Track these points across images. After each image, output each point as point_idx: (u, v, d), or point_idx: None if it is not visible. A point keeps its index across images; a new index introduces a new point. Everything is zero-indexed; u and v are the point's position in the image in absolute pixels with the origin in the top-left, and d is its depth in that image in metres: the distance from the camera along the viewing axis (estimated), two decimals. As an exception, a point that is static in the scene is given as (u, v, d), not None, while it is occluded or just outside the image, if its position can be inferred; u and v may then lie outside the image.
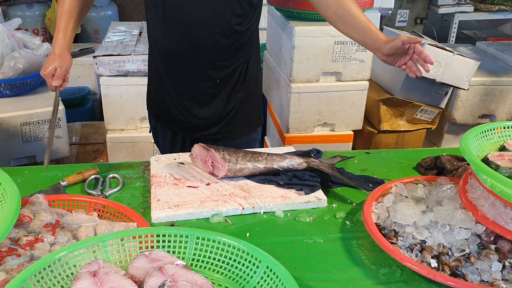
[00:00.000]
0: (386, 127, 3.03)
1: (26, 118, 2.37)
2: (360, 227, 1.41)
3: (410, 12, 5.97)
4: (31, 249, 1.18)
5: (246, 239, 1.35)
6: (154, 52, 1.83)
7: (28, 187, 1.56)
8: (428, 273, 1.17)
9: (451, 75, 2.83)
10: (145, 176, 1.65)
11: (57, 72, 1.67)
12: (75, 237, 1.25)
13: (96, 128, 3.23)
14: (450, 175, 1.67)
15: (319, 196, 1.53)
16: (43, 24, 4.97)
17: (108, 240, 1.12)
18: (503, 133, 1.51)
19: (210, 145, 1.61)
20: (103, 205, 1.39)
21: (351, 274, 1.24)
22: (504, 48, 3.47)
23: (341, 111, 2.84)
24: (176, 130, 1.94)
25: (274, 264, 1.06)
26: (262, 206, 1.48)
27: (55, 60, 1.67)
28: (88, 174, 1.62)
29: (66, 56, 1.70)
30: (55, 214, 1.32)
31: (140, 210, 1.47)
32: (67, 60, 1.70)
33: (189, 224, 1.41)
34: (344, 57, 2.70)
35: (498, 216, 1.25)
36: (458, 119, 3.10)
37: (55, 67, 1.67)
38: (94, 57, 2.70)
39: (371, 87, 2.93)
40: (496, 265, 1.19)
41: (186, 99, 1.83)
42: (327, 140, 2.87)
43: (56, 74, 1.67)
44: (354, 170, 1.72)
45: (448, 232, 1.28)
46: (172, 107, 1.86)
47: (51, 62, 1.67)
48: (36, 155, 2.44)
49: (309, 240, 1.36)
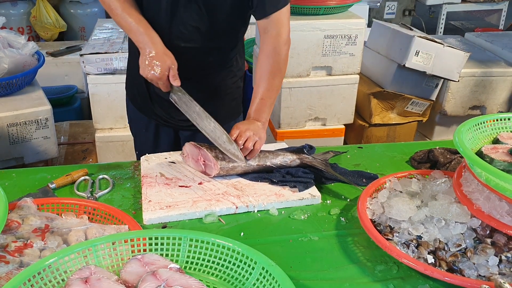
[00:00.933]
0: (377, 121, 3.02)
1: (12, 119, 2.33)
2: (355, 223, 1.40)
3: (398, 4, 5.97)
4: (20, 255, 1.15)
5: (240, 239, 1.33)
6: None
7: (16, 191, 1.53)
8: (425, 269, 1.15)
9: (441, 67, 2.83)
10: (136, 177, 1.63)
11: (172, 72, 1.53)
12: (66, 242, 1.22)
13: (85, 127, 3.18)
14: (444, 168, 1.66)
15: (313, 193, 1.51)
16: (28, 22, 4.89)
17: (99, 244, 1.09)
18: (496, 126, 1.50)
19: (202, 144, 1.58)
20: (93, 208, 1.36)
21: (348, 272, 1.22)
22: (493, 39, 3.47)
23: (332, 105, 2.83)
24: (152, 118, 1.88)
25: (269, 265, 1.04)
26: (256, 204, 1.46)
27: (159, 59, 1.52)
28: (77, 176, 1.59)
29: (170, 53, 1.56)
30: (44, 218, 1.29)
31: (131, 211, 1.44)
32: (172, 56, 1.55)
33: (182, 225, 1.39)
34: (334, 51, 2.68)
35: (493, 209, 1.24)
36: (449, 111, 3.10)
37: (167, 67, 1.52)
38: (81, 55, 2.66)
39: (362, 80, 2.92)
40: (493, 260, 1.18)
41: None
42: (319, 135, 2.86)
43: (173, 74, 1.53)
44: (347, 165, 1.71)
45: (444, 227, 1.28)
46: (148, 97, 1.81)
47: (159, 62, 1.51)
48: (24, 156, 2.40)
49: (304, 238, 1.34)
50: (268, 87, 1.65)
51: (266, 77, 1.65)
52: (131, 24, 1.57)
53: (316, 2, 2.65)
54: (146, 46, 1.54)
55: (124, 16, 1.57)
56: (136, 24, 1.56)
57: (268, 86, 1.65)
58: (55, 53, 3.77)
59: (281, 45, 1.66)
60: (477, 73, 3.02)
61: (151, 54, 1.53)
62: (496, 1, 5.95)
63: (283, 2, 1.62)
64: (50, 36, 4.86)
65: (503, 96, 3.11)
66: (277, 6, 1.61)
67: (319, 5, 2.65)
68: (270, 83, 1.66)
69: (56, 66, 3.73)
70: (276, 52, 1.65)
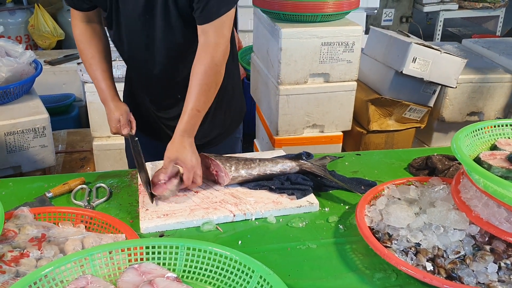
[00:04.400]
0: (375, 127, 3.02)
1: (10, 128, 2.32)
2: (354, 231, 1.39)
3: (396, 11, 5.99)
4: (17, 265, 1.14)
5: (238, 247, 1.33)
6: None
7: (12, 200, 1.52)
8: (424, 277, 1.15)
9: (439, 73, 2.83)
10: (133, 185, 1.62)
11: (121, 121, 1.66)
12: (62, 251, 1.21)
13: (82, 135, 3.18)
14: (442, 175, 1.66)
15: (311, 200, 1.51)
16: (26, 31, 4.90)
17: (96, 253, 1.08)
18: (493, 132, 1.50)
19: (214, 155, 1.60)
20: (90, 217, 1.35)
21: (346, 280, 1.22)
22: (490, 45, 3.48)
23: (330, 112, 2.82)
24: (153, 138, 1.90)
25: (267, 274, 1.03)
26: (254, 212, 1.45)
27: (113, 113, 1.66)
28: (75, 185, 1.58)
29: (121, 104, 1.69)
30: (41, 228, 1.28)
31: (128, 220, 1.43)
32: (123, 107, 1.68)
33: (179, 233, 1.39)
34: (331, 58, 2.68)
35: (492, 216, 1.24)
36: (447, 117, 3.10)
37: (117, 119, 1.66)
38: (78, 63, 2.66)
39: (359, 87, 2.92)
40: (492, 267, 1.17)
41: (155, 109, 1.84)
42: (317, 142, 2.85)
43: (122, 123, 1.66)
44: (345, 172, 1.71)
45: (442, 234, 1.27)
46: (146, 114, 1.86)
47: (112, 117, 1.67)
48: (21, 165, 2.39)
49: (302, 246, 1.34)
50: (204, 98, 1.55)
51: (204, 87, 1.54)
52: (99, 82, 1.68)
53: (313, 9, 2.66)
54: (105, 103, 1.69)
55: (91, 69, 1.69)
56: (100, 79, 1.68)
57: (204, 98, 1.55)
58: (53, 62, 3.78)
59: (219, 56, 1.55)
60: (474, 79, 3.02)
61: (108, 110, 1.68)
62: (493, 8, 5.98)
63: (224, 9, 1.52)
64: (48, 45, 4.87)
65: (501, 102, 3.11)
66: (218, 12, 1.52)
67: (316, 12, 2.66)
68: (207, 94, 1.55)
69: (54, 75, 3.73)
70: (214, 63, 1.54)
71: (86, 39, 1.68)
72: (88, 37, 1.68)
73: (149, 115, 1.87)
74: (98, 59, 1.68)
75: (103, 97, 1.69)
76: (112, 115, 1.67)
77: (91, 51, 1.68)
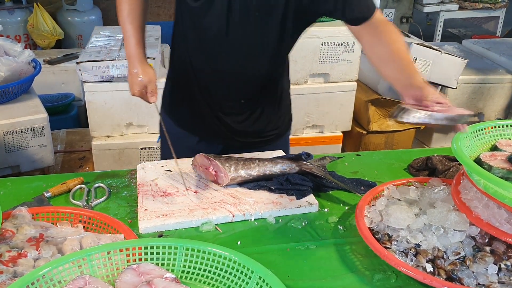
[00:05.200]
0: (375, 128, 3.02)
1: (8, 127, 2.32)
2: (353, 231, 1.38)
3: (396, 11, 5.98)
4: (14, 265, 1.13)
5: (237, 247, 1.32)
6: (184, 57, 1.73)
7: (11, 200, 1.51)
8: (424, 278, 1.14)
9: (439, 74, 2.83)
10: (132, 185, 1.61)
11: (149, 88, 1.58)
12: (60, 251, 1.20)
13: (82, 135, 3.17)
14: (442, 175, 1.65)
15: (310, 201, 1.50)
16: (25, 30, 4.89)
17: (94, 253, 1.08)
18: (494, 133, 1.50)
19: (213, 155, 1.59)
20: (88, 217, 1.34)
21: (345, 281, 1.21)
22: (490, 45, 3.48)
23: (330, 112, 2.82)
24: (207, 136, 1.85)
25: (266, 275, 1.02)
26: (253, 212, 1.44)
27: (140, 76, 1.58)
28: (73, 184, 1.57)
29: (149, 69, 1.61)
30: (39, 228, 1.27)
31: (127, 220, 1.43)
32: (151, 72, 1.60)
33: (178, 233, 1.38)
34: (331, 58, 2.68)
35: (492, 217, 1.23)
36: (447, 118, 3.09)
37: (144, 84, 1.58)
38: (77, 63, 2.65)
39: (359, 87, 2.92)
40: (492, 268, 1.17)
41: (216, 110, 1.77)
42: (317, 142, 2.85)
43: (150, 91, 1.59)
44: (345, 173, 1.70)
45: (442, 235, 1.26)
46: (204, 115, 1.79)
47: (137, 79, 1.58)
48: (20, 164, 2.38)
49: (301, 247, 1.33)
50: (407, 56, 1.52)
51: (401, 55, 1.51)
52: (127, 32, 1.61)
53: (313, 10, 2.65)
54: (130, 61, 1.61)
55: (126, 21, 1.61)
56: (131, 34, 1.60)
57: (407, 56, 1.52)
58: (52, 61, 3.77)
59: (394, 29, 1.54)
60: (474, 80, 3.02)
61: (134, 71, 1.59)
62: (494, 8, 5.97)
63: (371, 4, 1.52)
64: (47, 44, 4.86)
65: (501, 103, 3.11)
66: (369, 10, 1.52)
67: (316, 12, 2.65)
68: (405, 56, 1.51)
69: (53, 74, 3.72)
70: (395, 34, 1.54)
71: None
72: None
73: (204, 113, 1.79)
74: (134, 16, 1.62)
75: (130, 54, 1.61)
76: (136, 78, 1.58)
77: (130, 6, 1.62)
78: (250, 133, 1.82)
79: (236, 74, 1.66)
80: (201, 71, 1.69)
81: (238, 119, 1.78)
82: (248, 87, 1.72)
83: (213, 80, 1.70)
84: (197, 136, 1.85)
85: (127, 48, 1.62)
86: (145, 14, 1.67)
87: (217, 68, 1.65)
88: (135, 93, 1.61)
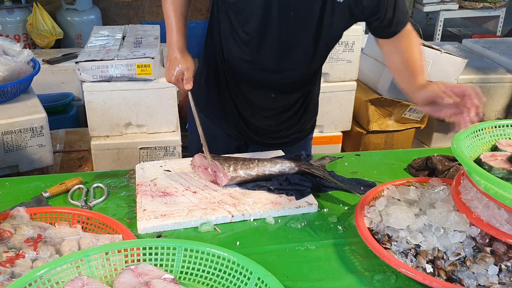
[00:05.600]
0: (375, 128, 3.01)
1: (7, 127, 2.30)
2: (353, 232, 1.38)
3: (396, 10, 5.96)
4: (12, 266, 1.13)
5: (236, 248, 1.31)
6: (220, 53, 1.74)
7: (9, 200, 1.51)
8: (423, 279, 1.14)
9: (439, 73, 2.82)
10: (131, 185, 1.61)
11: (186, 75, 1.58)
12: (58, 252, 1.20)
13: (81, 135, 3.16)
14: (442, 175, 1.64)
15: (309, 201, 1.50)
16: (25, 30, 4.88)
17: (92, 254, 1.07)
18: (494, 133, 1.49)
19: (212, 155, 1.59)
20: (87, 217, 1.34)
21: (345, 282, 1.21)
22: (490, 45, 3.47)
23: (330, 112, 2.82)
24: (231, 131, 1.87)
25: (265, 275, 1.02)
26: (252, 213, 1.44)
27: (178, 63, 1.58)
28: (72, 184, 1.57)
29: (189, 57, 1.62)
30: (37, 228, 1.27)
31: (125, 221, 1.42)
32: (190, 61, 1.61)
33: (177, 234, 1.37)
34: (331, 58, 2.68)
35: (493, 217, 1.22)
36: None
37: (181, 71, 1.58)
38: (76, 62, 2.64)
39: (359, 87, 2.91)
40: (493, 269, 1.16)
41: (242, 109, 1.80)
42: (316, 142, 2.84)
43: (186, 78, 1.58)
44: (344, 173, 1.69)
45: (442, 235, 1.26)
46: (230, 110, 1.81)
47: (175, 66, 1.58)
48: (19, 164, 2.37)
49: (301, 247, 1.33)
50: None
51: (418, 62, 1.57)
52: (169, 19, 1.63)
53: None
54: (170, 48, 1.61)
55: (169, 9, 1.63)
56: (173, 21, 1.62)
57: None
58: (51, 61, 3.76)
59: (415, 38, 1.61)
60: (474, 79, 3.02)
61: (173, 57, 1.60)
62: (494, 8, 5.96)
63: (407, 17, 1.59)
64: (46, 44, 4.85)
65: (501, 102, 3.10)
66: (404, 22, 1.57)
67: (316, 12, 2.64)
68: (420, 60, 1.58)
69: (53, 74, 3.71)
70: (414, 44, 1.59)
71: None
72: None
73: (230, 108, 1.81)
74: (177, 4, 1.64)
75: (171, 42, 1.62)
76: (174, 64, 1.59)
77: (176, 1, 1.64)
78: (271, 132, 1.85)
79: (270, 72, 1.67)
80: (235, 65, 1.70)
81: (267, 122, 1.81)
82: (280, 89, 1.73)
83: (246, 76, 1.71)
84: (219, 127, 1.86)
85: (168, 35, 1.63)
86: (188, 5, 1.68)
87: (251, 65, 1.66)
88: (171, 80, 1.60)
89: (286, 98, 1.78)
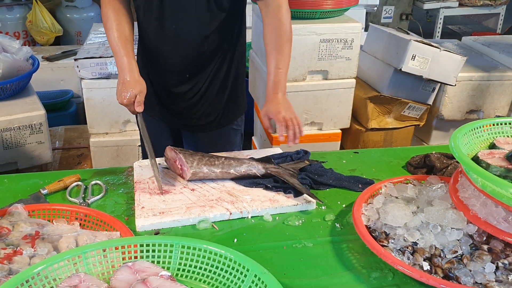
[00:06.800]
0: (374, 125, 3.01)
1: (6, 124, 2.31)
2: (350, 229, 1.38)
3: (396, 8, 5.97)
4: (9, 262, 1.13)
5: (234, 245, 1.31)
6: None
7: (7, 197, 1.51)
8: (420, 277, 1.14)
9: (438, 71, 2.82)
10: (129, 182, 1.61)
11: (138, 98, 1.60)
12: (56, 249, 1.20)
13: (80, 132, 3.16)
14: (440, 173, 1.65)
15: (307, 199, 1.50)
16: (24, 27, 4.88)
17: (89, 251, 1.07)
18: (492, 130, 1.49)
19: (179, 149, 1.61)
20: (85, 214, 1.34)
21: (342, 279, 1.21)
22: (490, 43, 3.47)
23: (329, 109, 2.81)
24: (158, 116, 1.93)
25: (262, 273, 1.02)
26: (250, 210, 1.44)
27: (130, 86, 1.60)
28: (70, 182, 1.57)
29: (141, 80, 1.64)
30: (35, 225, 1.27)
31: (123, 218, 1.42)
32: (143, 84, 1.64)
33: (175, 231, 1.37)
34: (330, 55, 2.67)
35: (490, 215, 1.23)
36: (446, 115, 3.09)
37: (134, 94, 1.60)
38: (75, 59, 2.64)
39: (358, 85, 2.91)
40: (490, 267, 1.16)
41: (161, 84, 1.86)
42: (315, 140, 2.84)
43: (137, 100, 1.60)
44: (343, 170, 1.70)
45: (439, 233, 1.26)
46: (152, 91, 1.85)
47: (127, 89, 1.60)
48: (18, 161, 2.38)
49: (298, 245, 1.33)
50: (281, 57, 1.70)
51: (277, 48, 1.70)
52: (116, 46, 1.66)
53: (312, 6, 2.65)
54: (121, 71, 1.63)
55: (114, 36, 1.66)
56: (120, 47, 1.65)
57: (281, 56, 1.70)
58: (50, 58, 3.76)
59: (284, 15, 1.70)
60: (474, 77, 3.01)
61: (126, 80, 1.61)
62: (494, 5, 5.96)
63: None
64: (46, 41, 4.85)
65: (501, 100, 3.10)
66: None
67: (315, 9, 2.64)
68: (282, 53, 1.70)
69: (52, 71, 3.72)
70: (281, 22, 1.69)
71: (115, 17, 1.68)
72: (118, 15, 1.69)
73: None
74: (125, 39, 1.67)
75: (122, 67, 1.64)
76: (128, 88, 1.60)
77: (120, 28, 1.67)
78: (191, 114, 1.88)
79: (178, 40, 1.72)
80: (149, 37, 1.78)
81: (185, 96, 1.83)
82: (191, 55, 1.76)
83: (160, 47, 1.77)
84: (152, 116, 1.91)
85: (118, 60, 1.65)
86: (131, 31, 1.72)
87: (161, 34, 1.73)
88: (122, 102, 1.61)
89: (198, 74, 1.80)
